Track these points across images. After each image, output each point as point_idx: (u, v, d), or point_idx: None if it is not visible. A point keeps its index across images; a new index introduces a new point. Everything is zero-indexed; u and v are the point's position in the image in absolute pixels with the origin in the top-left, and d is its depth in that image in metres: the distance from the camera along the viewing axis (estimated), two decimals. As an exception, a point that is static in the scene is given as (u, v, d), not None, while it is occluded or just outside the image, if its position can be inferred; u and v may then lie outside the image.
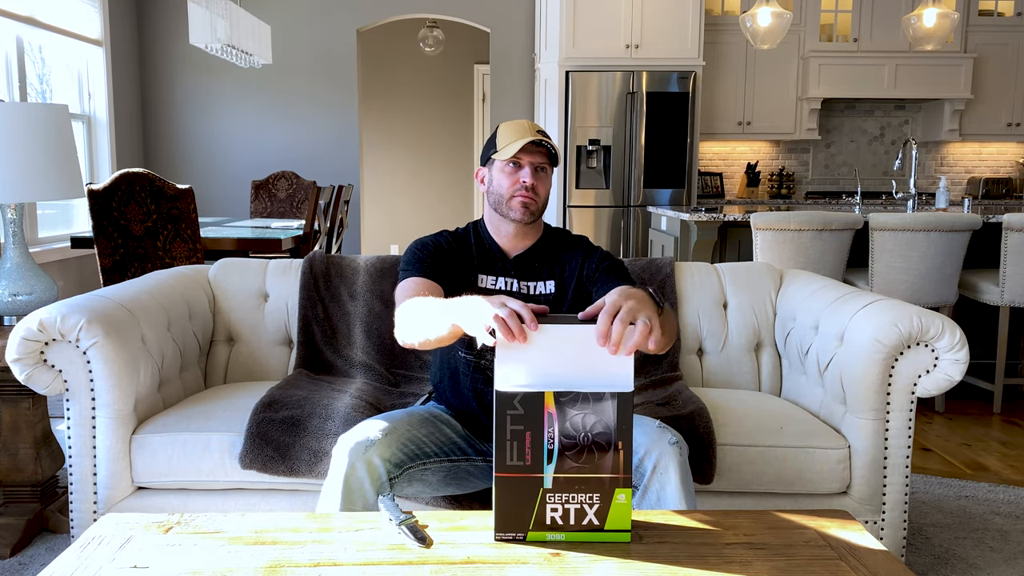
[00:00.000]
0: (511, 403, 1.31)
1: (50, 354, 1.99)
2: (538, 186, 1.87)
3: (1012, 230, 3.73)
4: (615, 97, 5.91)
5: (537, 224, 1.95)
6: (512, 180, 1.86)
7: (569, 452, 1.33)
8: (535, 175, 1.86)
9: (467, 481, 1.87)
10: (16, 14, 4.64)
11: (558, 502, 1.34)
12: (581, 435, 1.32)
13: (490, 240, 1.95)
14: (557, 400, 1.32)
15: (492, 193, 1.90)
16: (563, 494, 1.33)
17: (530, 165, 1.86)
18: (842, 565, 1.32)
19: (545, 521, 1.34)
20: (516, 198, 1.86)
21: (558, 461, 1.32)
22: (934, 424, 3.72)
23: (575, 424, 1.32)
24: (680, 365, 2.57)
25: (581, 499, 1.34)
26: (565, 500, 1.34)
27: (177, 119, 6.49)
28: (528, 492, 1.33)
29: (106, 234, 3.58)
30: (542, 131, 1.89)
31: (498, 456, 1.32)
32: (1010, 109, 6.79)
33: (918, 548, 2.45)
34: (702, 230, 4.09)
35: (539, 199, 1.88)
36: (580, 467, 1.33)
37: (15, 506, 2.42)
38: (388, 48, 8.46)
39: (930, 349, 2.07)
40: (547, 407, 1.32)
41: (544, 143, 1.85)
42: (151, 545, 1.35)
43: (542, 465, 1.32)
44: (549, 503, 1.34)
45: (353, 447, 1.66)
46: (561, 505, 1.34)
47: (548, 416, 1.32)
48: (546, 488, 1.33)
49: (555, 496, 1.33)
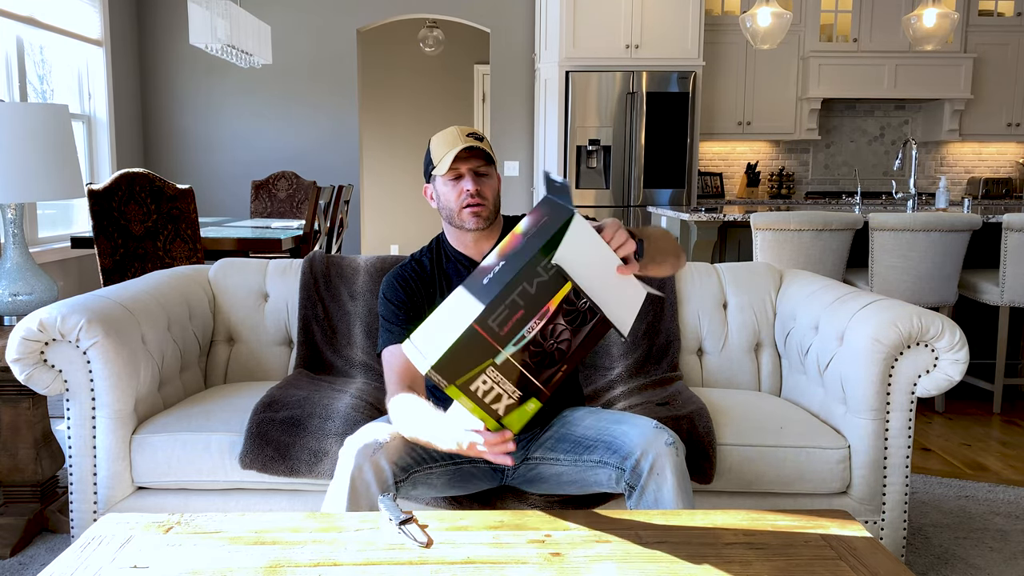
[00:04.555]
0: (542, 265, 1.33)
1: (50, 354, 1.99)
2: (483, 190, 1.85)
3: (1012, 230, 3.73)
4: (615, 97, 5.91)
5: (496, 222, 1.94)
6: (456, 192, 1.85)
7: (532, 347, 1.35)
8: (477, 180, 1.84)
9: (469, 483, 1.87)
10: (16, 14, 4.64)
11: (492, 379, 1.35)
12: (549, 342, 1.36)
13: (455, 252, 1.95)
14: (566, 299, 1.35)
15: (443, 208, 1.89)
16: (500, 375, 1.35)
17: (469, 172, 1.83)
18: (842, 565, 1.32)
19: (470, 386, 1.35)
20: (465, 209, 1.84)
21: (519, 350, 1.35)
22: (934, 424, 3.72)
23: (553, 331, 1.36)
24: (680, 365, 2.57)
25: (508, 388, 1.36)
26: (497, 381, 1.35)
27: (177, 119, 6.49)
28: (480, 355, 1.33)
29: (106, 234, 3.58)
30: (473, 133, 1.86)
31: (488, 308, 1.32)
32: (1010, 109, 6.79)
33: (918, 548, 2.45)
34: (702, 230, 4.09)
35: (488, 202, 1.86)
36: (527, 364, 1.36)
37: (15, 506, 2.42)
38: (388, 48, 8.46)
39: (930, 349, 2.07)
40: (553, 301, 1.34)
41: (475, 146, 1.82)
42: (151, 545, 1.35)
43: (508, 344, 1.34)
44: (486, 374, 1.34)
45: (361, 449, 1.66)
46: (492, 382, 1.35)
47: (546, 310, 1.34)
48: (495, 362, 1.34)
49: (494, 373, 1.35)
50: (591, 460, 1.77)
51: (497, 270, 1.35)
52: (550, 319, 1.35)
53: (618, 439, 1.73)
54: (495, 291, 1.33)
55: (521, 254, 1.34)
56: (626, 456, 1.70)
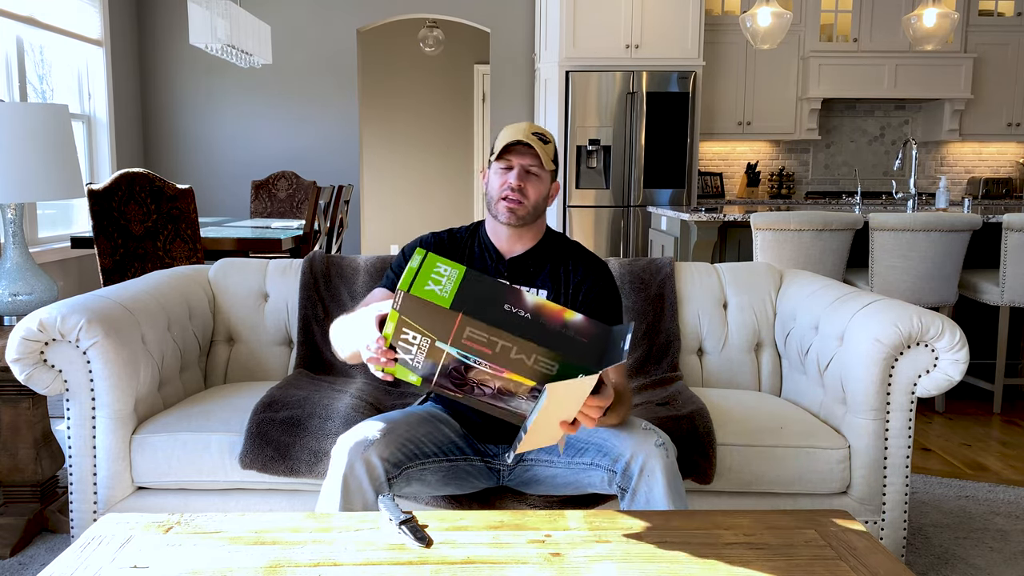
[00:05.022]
0: (546, 358, 1.37)
1: (50, 354, 1.99)
2: (526, 188, 1.84)
3: (1012, 230, 3.73)
4: (615, 97, 5.91)
5: (536, 227, 1.93)
6: (501, 182, 1.85)
7: (463, 369, 1.39)
8: (524, 177, 1.84)
9: (466, 481, 1.87)
10: (16, 14, 4.64)
11: (419, 345, 1.38)
12: (472, 382, 1.41)
13: (487, 241, 1.95)
14: (521, 384, 1.40)
15: (487, 194, 1.90)
16: (426, 349, 1.38)
17: (520, 167, 1.84)
18: (842, 565, 1.32)
19: (404, 329, 1.36)
20: (502, 201, 1.85)
21: (456, 357, 1.37)
22: (934, 424, 3.72)
23: (483, 382, 1.41)
24: (680, 365, 2.57)
25: (420, 358, 1.39)
26: (422, 349, 1.38)
27: (177, 119, 6.49)
28: (437, 326, 1.35)
29: (106, 234, 3.58)
30: (541, 134, 1.85)
31: (486, 317, 1.34)
32: (1010, 109, 6.79)
33: (918, 548, 2.45)
34: (702, 230, 4.09)
35: (527, 202, 1.84)
36: (446, 367, 1.40)
37: (15, 506, 2.42)
38: (388, 48, 8.46)
39: (930, 349, 2.07)
40: (515, 377, 1.39)
41: (531, 144, 1.82)
42: (151, 545, 1.35)
43: (456, 348, 1.36)
44: (421, 338, 1.36)
45: (352, 447, 1.66)
46: (418, 346, 1.38)
47: (504, 373, 1.39)
48: (434, 339, 1.36)
49: (426, 345, 1.37)
50: (583, 462, 1.77)
51: (523, 315, 1.38)
52: (494, 375, 1.39)
53: (608, 441, 1.73)
54: (502, 320, 1.35)
55: (548, 336, 1.37)
56: (616, 458, 1.70)
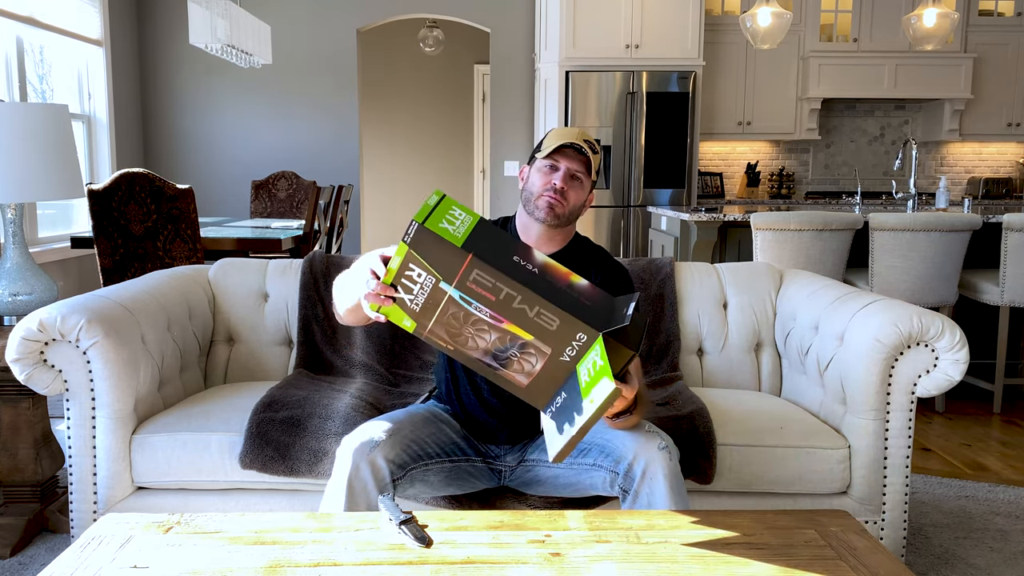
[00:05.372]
0: (549, 312, 1.35)
1: (50, 354, 1.99)
2: (568, 192, 1.87)
3: (1012, 230, 3.73)
4: (615, 97, 5.91)
5: (566, 231, 1.95)
6: (545, 180, 1.87)
7: (460, 314, 1.38)
8: (568, 180, 1.87)
9: (467, 481, 1.87)
10: (16, 14, 4.63)
11: (422, 284, 1.38)
12: (469, 330, 1.39)
13: (517, 237, 1.95)
14: (519, 336, 1.38)
15: (525, 190, 1.92)
16: (429, 290, 1.38)
17: (566, 169, 1.87)
18: (842, 565, 1.32)
19: (410, 264, 1.36)
20: (544, 197, 1.87)
21: (457, 304, 1.37)
22: (934, 424, 3.72)
23: (480, 330, 1.39)
24: (680, 365, 2.57)
25: (419, 300, 1.39)
26: (425, 288, 1.38)
27: (177, 119, 6.48)
28: (444, 265, 1.35)
29: (106, 234, 3.58)
30: (591, 143, 1.89)
31: (497, 264, 1.34)
32: (1010, 109, 6.79)
33: (918, 548, 2.45)
34: (702, 230, 4.09)
35: (567, 204, 1.87)
36: (444, 313, 1.39)
37: (15, 506, 2.42)
38: (388, 48, 8.45)
39: (930, 349, 2.07)
40: (514, 328, 1.37)
41: (582, 149, 1.85)
42: (151, 545, 1.35)
43: (460, 291, 1.36)
44: (426, 276, 1.37)
45: (357, 448, 1.66)
46: (421, 285, 1.37)
47: (503, 323, 1.37)
48: (439, 280, 1.36)
49: (429, 284, 1.37)
50: (586, 463, 1.77)
51: (531, 268, 1.37)
52: (492, 325, 1.37)
53: (611, 442, 1.74)
54: (510, 269, 1.34)
55: (553, 292, 1.36)
56: (619, 460, 1.70)
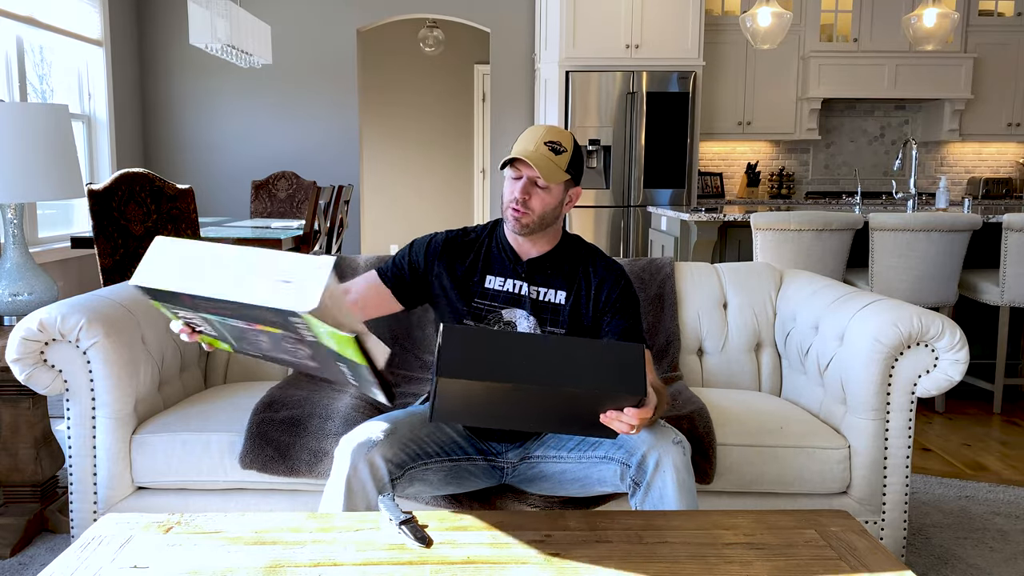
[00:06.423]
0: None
1: (50, 354, 1.99)
2: (531, 200, 1.81)
3: (1012, 230, 3.73)
4: (615, 97, 5.91)
5: (551, 232, 1.90)
6: (510, 190, 1.84)
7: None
8: (528, 189, 1.80)
9: (467, 480, 1.87)
10: (16, 14, 4.63)
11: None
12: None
13: (504, 240, 1.93)
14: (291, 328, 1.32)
15: (501, 199, 1.91)
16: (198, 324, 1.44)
17: (527, 178, 1.81)
18: (842, 565, 1.32)
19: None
20: (508, 209, 1.84)
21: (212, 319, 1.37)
22: (934, 424, 3.72)
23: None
24: (680, 365, 2.57)
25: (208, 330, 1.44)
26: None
27: (177, 119, 6.48)
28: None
29: (106, 234, 3.58)
30: (553, 144, 1.82)
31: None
32: (1010, 109, 6.79)
33: (918, 548, 2.45)
34: (702, 230, 4.09)
35: (532, 213, 1.82)
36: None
37: (15, 506, 2.42)
38: (388, 48, 8.45)
39: (930, 349, 2.07)
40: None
41: (535, 159, 1.78)
42: (151, 545, 1.35)
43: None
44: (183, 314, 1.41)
45: (355, 448, 1.66)
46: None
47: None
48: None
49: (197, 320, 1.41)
50: (596, 456, 1.76)
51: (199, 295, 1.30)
52: (253, 331, 1.34)
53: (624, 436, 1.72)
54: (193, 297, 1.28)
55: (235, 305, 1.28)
56: (632, 452, 1.69)
